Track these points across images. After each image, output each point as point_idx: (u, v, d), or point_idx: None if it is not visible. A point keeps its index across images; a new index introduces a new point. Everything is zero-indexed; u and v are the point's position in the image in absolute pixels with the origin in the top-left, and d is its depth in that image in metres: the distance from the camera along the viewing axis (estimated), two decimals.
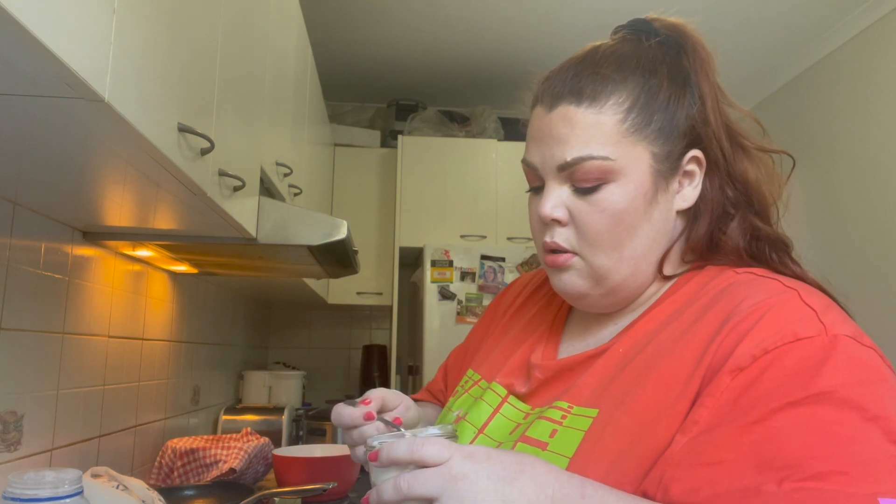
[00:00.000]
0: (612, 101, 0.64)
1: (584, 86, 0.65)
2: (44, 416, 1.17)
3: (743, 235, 0.67)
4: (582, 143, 0.63)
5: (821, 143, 2.89)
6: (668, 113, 0.65)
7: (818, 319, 0.53)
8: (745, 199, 0.68)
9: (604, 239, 0.64)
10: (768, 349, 0.52)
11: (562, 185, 0.65)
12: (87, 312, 1.33)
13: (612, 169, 0.63)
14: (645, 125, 0.64)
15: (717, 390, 0.52)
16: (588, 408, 0.60)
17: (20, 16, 0.49)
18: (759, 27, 2.76)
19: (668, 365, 0.58)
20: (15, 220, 1.08)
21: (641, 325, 0.65)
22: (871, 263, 2.54)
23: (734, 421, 0.50)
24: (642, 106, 0.64)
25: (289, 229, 1.38)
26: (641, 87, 0.65)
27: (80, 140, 0.77)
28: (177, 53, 0.86)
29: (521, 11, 2.69)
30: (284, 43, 1.76)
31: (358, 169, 3.33)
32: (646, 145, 0.64)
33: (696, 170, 0.67)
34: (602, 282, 0.66)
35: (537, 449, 0.60)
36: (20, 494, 0.64)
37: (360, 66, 3.26)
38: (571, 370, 0.67)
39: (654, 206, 0.65)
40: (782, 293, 0.57)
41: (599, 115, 0.64)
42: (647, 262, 0.67)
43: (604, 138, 0.63)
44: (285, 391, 2.66)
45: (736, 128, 0.69)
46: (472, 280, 2.91)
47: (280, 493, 1.41)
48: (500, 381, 0.73)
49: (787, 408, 0.48)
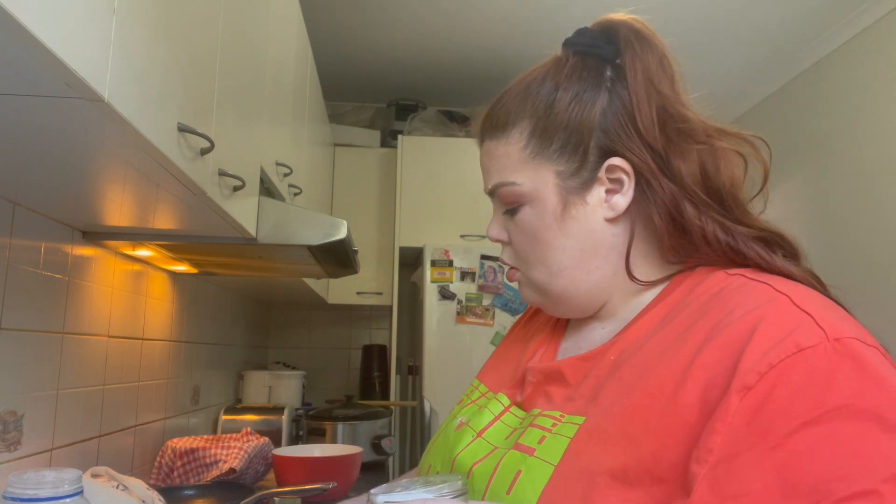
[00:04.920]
0: (516, 130, 0.70)
1: (496, 120, 0.72)
2: (44, 416, 1.17)
3: (714, 224, 0.65)
4: (497, 172, 0.71)
5: (819, 144, 2.89)
6: (570, 130, 0.67)
7: (816, 325, 0.51)
8: (697, 194, 0.65)
9: (529, 255, 0.71)
10: (773, 363, 0.49)
11: (500, 210, 0.73)
12: (87, 312, 1.33)
13: (521, 192, 0.69)
14: (545, 147, 0.68)
15: (726, 414, 0.49)
16: (577, 415, 0.60)
17: (20, 16, 0.49)
18: (758, 27, 2.76)
19: (654, 375, 0.56)
20: (15, 220, 1.08)
21: (632, 331, 0.64)
22: (868, 264, 2.54)
23: (753, 448, 0.48)
24: (542, 130, 0.68)
25: (289, 229, 1.38)
26: (541, 112, 0.69)
27: (79, 140, 0.77)
28: (177, 53, 0.86)
29: (521, 11, 2.69)
30: (284, 43, 1.76)
31: (358, 169, 3.33)
32: (549, 166, 0.68)
33: (622, 177, 0.66)
34: (545, 293, 0.71)
35: (525, 455, 0.60)
36: (20, 494, 0.64)
37: (360, 66, 3.26)
38: (561, 373, 0.67)
39: (570, 221, 0.68)
40: (772, 300, 0.55)
41: (507, 145, 0.70)
42: (584, 272, 0.69)
43: (512, 166, 0.70)
44: (285, 391, 2.66)
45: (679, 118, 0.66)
46: (472, 280, 2.91)
47: (280, 493, 1.41)
48: (506, 391, 0.74)
49: (803, 428, 0.47)
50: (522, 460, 0.59)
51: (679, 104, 0.67)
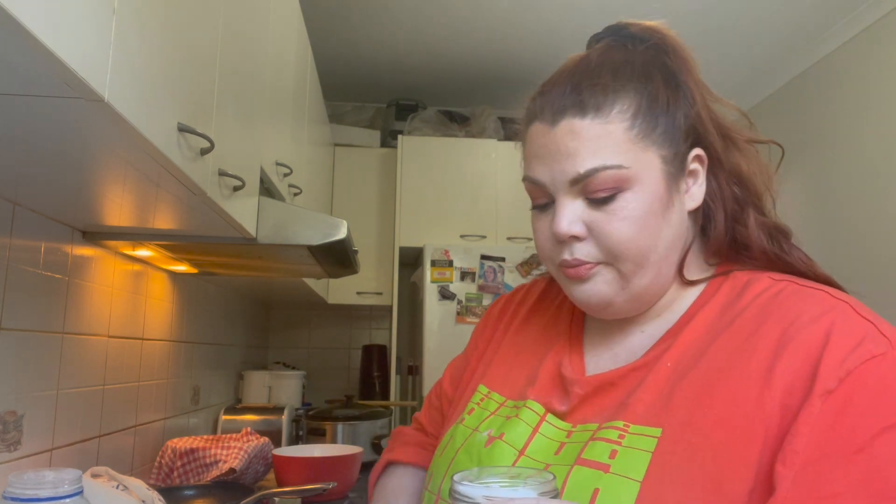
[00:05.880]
0: (616, 109, 0.63)
1: (586, 97, 0.64)
2: (44, 416, 1.17)
3: (763, 233, 0.67)
4: (592, 154, 0.62)
5: (820, 143, 2.89)
6: (670, 115, 0.65)
7: (881, 333, 0.54)
8: (745, 194, 0.68)
9: (623, 246, 0.63)
10: (850, 370, 0.52)
11: (575, 200, 0.64)
12: (86, 312, 1.33)
13: (626, 177, 0.62)
14: (651, 130, 0.64)
15: (810, 417, 0.52)
16: (648, 426, 0.58)
17: (20, 16, 0.49)
18: (758, 27, 2.76)
19: (731, 382, 0.57)
20: (15, 220, 1.08)
21: (685, 336, 0.63)
22: (871, 262, 2.54)
23: (839, 451, 0.50)
24: (646, 111, 0.64)
25: (289, 229, 1.38)
26: (642, 93, 0.65)
27: (79, 140, 0.77)
28: (177, 53, 0.86)
29: (521, 11, 2.69)
30: (284, 43, 1.76)
31: (358, 169, 3.33)
32: (655, 150, 0.64)
33: (699, 168, 0.68)
34: (628, 287, 0.65)
35: (599, 472, 0.57)
36: (20, 494, 0.64)
37: (360, 66, 3.26)
38: (613, 385, 0.65)
39: (671, 209, 0.65)
40: (835, 307, 0.57)
41: (606, 124, 0.63)
42: (667, 265, 0.66)
43: (614, 147, 0.63)
44: (285, 391, 2.66)
45: (724, 122, 0.69)
46: (472, 280, 2.91)
47: (280, 493, 1.41)
48: (536, 398, 0.69)
49: (885, 432, 0.50)
50: (597, 477, 0.57)
51: (719, 114, 0.69)
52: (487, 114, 3.36)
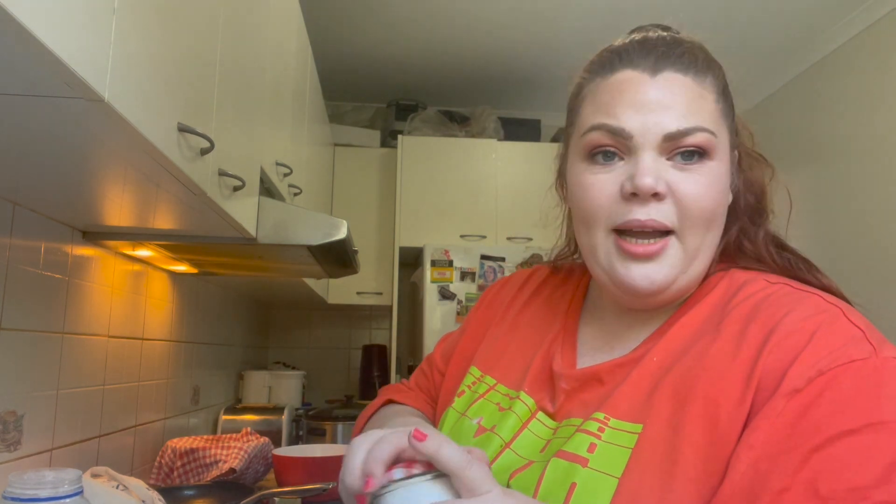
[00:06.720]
0: (709, 79, 0.62)
1: (687, 58, 0.62)
2: (44, 416, 1.17)
3: (771, 245, 0.68)
4: (693, 114, 0.60)
5: (821, 143, 2.89)
6: (730, 106, 0.66)
7: (867, 340, 0.53)
8: (758, 204, 0.69)
9: (704, 217, 0.60)
10: (823, 371, 0.51)
11: (658, 157, 0.60)
12: (86, 312, 1.33)
13: (714, 146, 0.60)
14: (729, 111, 0.65)
15: (772, 412, 0.51)
16: (629, 422, 0.57)
17: (20, 16, 0.49)
18: (759, 27, 2.76)
19: (714, 381, 0.56)
20: (15, 220, 1.08)
21: (673, 332, 0.62)
22: (874, 262, 2.54)
23: (796, 448, 0.49)
24: (726, 93, 0.64)
25: (289, 229, 1.38)
26: (721, 78, 0.64)
27: (79, 140, 0.77)
28: (177, 53, 0.86)
29: (521, 12, 2.69)
30: (284, 43, 1.76)
31: (358, 169, 3.33)
32: (727, 133, 0.64)
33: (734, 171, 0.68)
34: (688, 269, 0.62)
35: (576, 465, 0.57)
36: (20, 494, 0.64)
37: (360, 66, 3.26)
38: (600, 380, 0.64)
39: (728, 194, 0.65)
40: (826, 311, 0.56)
41: (703, 90, 0.61)
42: (712, 253, 0.65)
43: (708, 114, 0.61)
44: (285, 391, 2.66)
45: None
46: (472, 280, 2.91)
47: (280, 493, 1.41)
48: (529, 392, 0.69)
49: (847, 435, 0.48)
50: (574, 471, 0.56)
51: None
52: (487, 114, 3.36)
